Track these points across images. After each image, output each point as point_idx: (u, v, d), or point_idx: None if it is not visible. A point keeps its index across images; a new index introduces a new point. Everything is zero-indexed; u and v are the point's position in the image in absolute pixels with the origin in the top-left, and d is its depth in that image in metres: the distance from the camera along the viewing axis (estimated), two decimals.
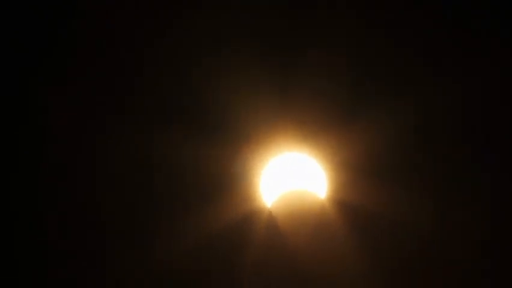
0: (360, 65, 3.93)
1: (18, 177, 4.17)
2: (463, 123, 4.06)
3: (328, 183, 3.93)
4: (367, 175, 3.97)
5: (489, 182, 4.08)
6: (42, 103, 4.03)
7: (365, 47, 3.90)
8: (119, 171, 4.07)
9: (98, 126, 4.10)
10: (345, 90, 3.93)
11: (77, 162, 4.14)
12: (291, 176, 3.85)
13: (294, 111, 3.90)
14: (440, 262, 4.09)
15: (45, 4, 3.93)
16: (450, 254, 4.09)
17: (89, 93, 4.07)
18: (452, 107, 3.98)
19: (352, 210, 3.93)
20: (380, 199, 3.96)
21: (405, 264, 4.07)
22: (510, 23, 3.92)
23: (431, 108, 3.97)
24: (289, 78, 3.87)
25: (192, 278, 4.10)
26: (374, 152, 3.96)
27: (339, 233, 3.81)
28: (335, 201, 3.90)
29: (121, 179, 4.08)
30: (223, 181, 3.98)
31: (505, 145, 4.08)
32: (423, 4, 3.90)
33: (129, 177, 4.07)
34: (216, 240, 4.01)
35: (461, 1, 3.86)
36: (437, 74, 3.94)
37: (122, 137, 4.05)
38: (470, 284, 4.07)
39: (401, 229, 4.04)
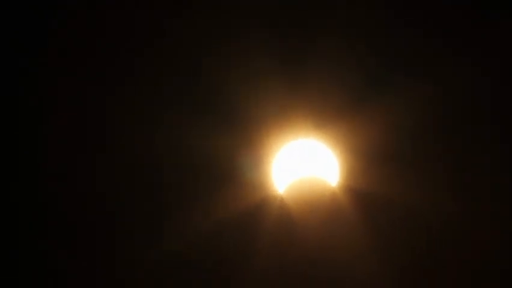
0: (373, 51, 3.95)
1: (18, 177, 4.13)
2: (480, 110, 4.06)
3: (340, 170, 3.91)
4: (379, 162, 3.97)
5: (509, 174, 4.07)
6: (42, 103, 4.00)
7: (378, 32, 3.93)
8: (127, 163, 4.05)
9: (99, 125, 4.09)
10: (358, 77, 3.95)
11: (78, 158, 4.12)
12: (302, 163, 3.84)
13: (306, 98, 3.91)
14: (453, 252, 4.08)
15: (46, 4, 3.93)
16: (462, 243, 4.08)
17: (89, 93, 4.06)
18: (469, 94, 3.99)
19: (364, 197, 3.92)
20: (392, 187, 3.96)
21: (416, 254, 4.06)
22: None
23: (446, 94, 3.98)
24: (300, 64, 3.90)
25: (203, 266, 4.07)
26: (386, 139, 3.97)
27: (351, 220, 3.80)
28: (347, 188, 3.89)
29: (129, 170, 4.06)
30: (234, 169, 3.98)
31: None
32: None
33: (138, 167, 4.05)
34: (228, 228, 4.00)
35: None
36: (452, 60, 3.96)
37: (127, 129, 4.04)
38: (482, 279, 4.06)
39: (413, 218, 4.03)
